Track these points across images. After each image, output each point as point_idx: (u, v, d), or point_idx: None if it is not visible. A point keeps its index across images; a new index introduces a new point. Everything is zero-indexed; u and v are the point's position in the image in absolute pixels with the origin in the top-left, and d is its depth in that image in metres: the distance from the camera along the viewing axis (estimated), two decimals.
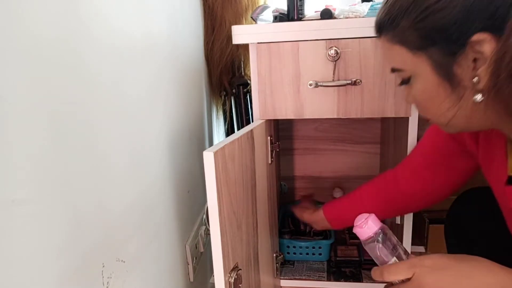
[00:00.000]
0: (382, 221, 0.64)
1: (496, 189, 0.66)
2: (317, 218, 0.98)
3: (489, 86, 0.49)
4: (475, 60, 0.49)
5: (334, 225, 0.96)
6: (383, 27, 0.58)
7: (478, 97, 0.51)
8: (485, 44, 0.48)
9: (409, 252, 0.69)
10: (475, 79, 0.50)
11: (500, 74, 0.47)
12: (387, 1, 0.57)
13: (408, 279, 0.54)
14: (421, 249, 1.20)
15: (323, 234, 1.26)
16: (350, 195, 0.95)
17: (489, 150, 0.66)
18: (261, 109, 0.92)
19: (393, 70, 0.60)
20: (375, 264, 1.20)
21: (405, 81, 0.59)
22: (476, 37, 0.48)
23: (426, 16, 0.51)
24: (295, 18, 0.94)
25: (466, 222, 0.85)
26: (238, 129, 1.32)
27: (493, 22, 0.47)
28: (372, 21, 0.60)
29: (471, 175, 0.81)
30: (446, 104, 0.55)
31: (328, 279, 1.11)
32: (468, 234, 0.84)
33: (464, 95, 0.53)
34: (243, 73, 1.33)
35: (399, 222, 1.02)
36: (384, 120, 1.29)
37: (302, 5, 0.95)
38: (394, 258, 0.60)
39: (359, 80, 0.87)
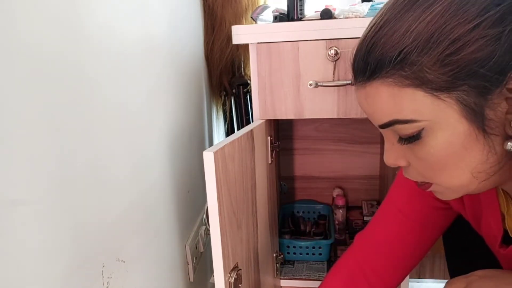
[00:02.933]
0: None
1: (490, 243, 0.63)
2: None
3: None
4: (506, 99, 0.42)
5: None
6: (382, 68, 0.44)
7: (510, 144, 0.42)
8: None
9: None
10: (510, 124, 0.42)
11: None
12: (386, 34, 0.44)
13: None
14: None
15: (323, 234, 1.26)
16: None
17: (477, 204, 0.60)
18: (261, 109, 0.92)
19: (390, 124, 0.46)
20: None
21: (412, 138, 0.46)
22: None
23: (458, 49, 0.41)
24: (295, 18, 0.94)
25: (462, 229, 0.83)
26: (238, 129, 1.32)
27: None
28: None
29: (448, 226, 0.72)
30: (476, 159, 0.44)
31: None
32: (464, 242, 0.82)
33: (496, 145, 0.43)
34: (243, 73, 1.33)
35: None
36: None
37: (302, 5, 0.95)
38: None
39: None
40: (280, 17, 0.95)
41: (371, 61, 0.45)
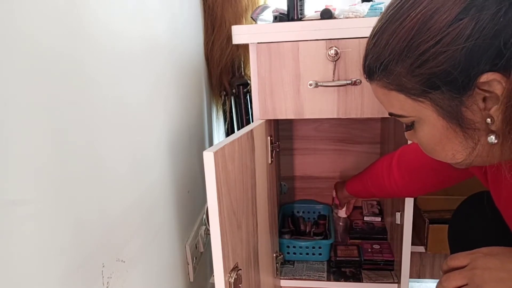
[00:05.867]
0: None
1: (506, 215, 0.64)
2: (345, 195, 1.14)
3: (503, 126, 0.46)
4: (484, 99, 0.46)
5: (359, 197, 1.17)
6: (374, 73, 0.53)
7: (493, 138, 0.48)
8: (494, 83, 0.44)
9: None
10: (488, 120, 0.47)
11: None
12: (374, 44, 0.51)
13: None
14: (421, 249, 1.20)
15: (323, 234, 1.26)
16: (363, 175, 1.03)
17: (498, 174, 0.62)
18: (261, 109, 0.92)
19: (392, 115, 0.56)
20: (375, 265, 1.20)
21: (408, 126, 0.55)
22: (484, 78, 0.44)
23: (425, 62, 0.47)
24: (295, 18, 0.94)
25: (467, 231, 0.83)
26: (238, 129, 1.32)
27: (500, 60, 0.43)
28: (372, 21, 0.58)
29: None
30: (458, 147, 0.51)
31: (328, 279, 1.11)
32: (470, 243, 0.82)
33: (477, 136, 0.49)
34: (243, 73, 1.33)
35: (399, 222, 1.02)
36: (384, 120, 1.29)
37: (302, 5, 0.95)
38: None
39: (359, 80, 0.87)
40: (280, 17, 0.95)
41: (366, 67, 0.55)
